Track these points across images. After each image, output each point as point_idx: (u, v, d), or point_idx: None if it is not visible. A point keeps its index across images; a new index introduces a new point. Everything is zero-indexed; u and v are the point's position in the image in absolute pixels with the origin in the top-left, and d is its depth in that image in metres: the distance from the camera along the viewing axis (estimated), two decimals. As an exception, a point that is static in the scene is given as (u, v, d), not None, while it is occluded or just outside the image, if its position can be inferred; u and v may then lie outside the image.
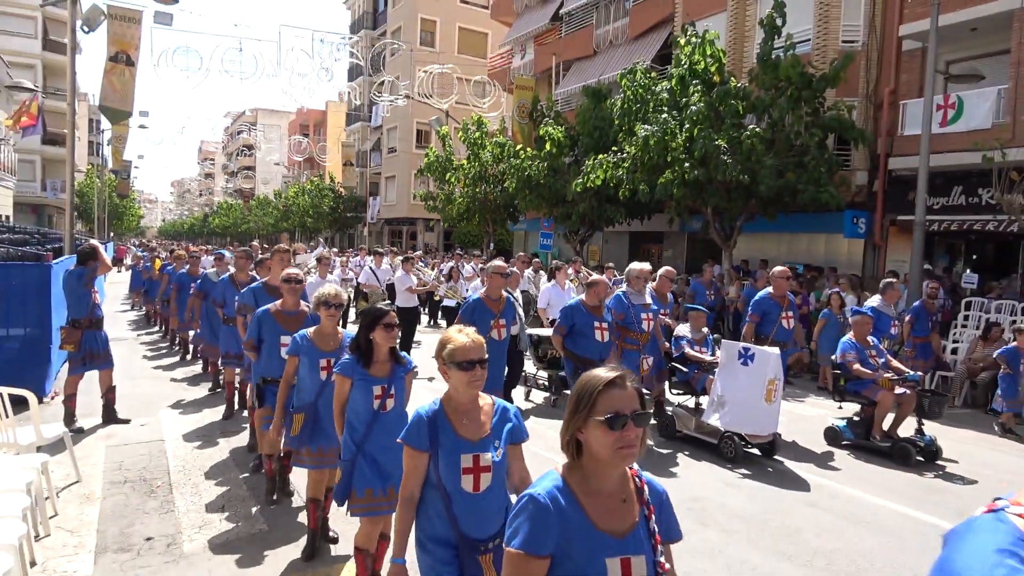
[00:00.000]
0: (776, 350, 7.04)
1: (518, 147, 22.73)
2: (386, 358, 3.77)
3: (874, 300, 9.17)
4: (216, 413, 8.11)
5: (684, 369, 7.90)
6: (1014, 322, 11.85)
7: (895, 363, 7.85)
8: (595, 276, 7.17)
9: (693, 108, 14.69)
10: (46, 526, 4.79)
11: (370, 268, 13.51)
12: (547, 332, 9.18)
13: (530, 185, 20.65)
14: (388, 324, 3.72)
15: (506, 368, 8.18)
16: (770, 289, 8.13)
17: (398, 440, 2.76)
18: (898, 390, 7.44)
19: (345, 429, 3.74)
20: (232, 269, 8.63)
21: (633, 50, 23.07)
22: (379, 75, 34.92)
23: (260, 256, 7.66)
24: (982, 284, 13.65)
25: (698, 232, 18.29)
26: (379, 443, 3.66)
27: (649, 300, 7.43)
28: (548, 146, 20.08)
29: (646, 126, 15.36)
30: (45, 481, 4.99)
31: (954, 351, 11.59)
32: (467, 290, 12.94)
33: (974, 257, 16.42)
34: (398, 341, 4.01)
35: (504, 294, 6.40)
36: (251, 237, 59.06)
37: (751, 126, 14.46)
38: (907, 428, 7.72)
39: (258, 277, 7.21)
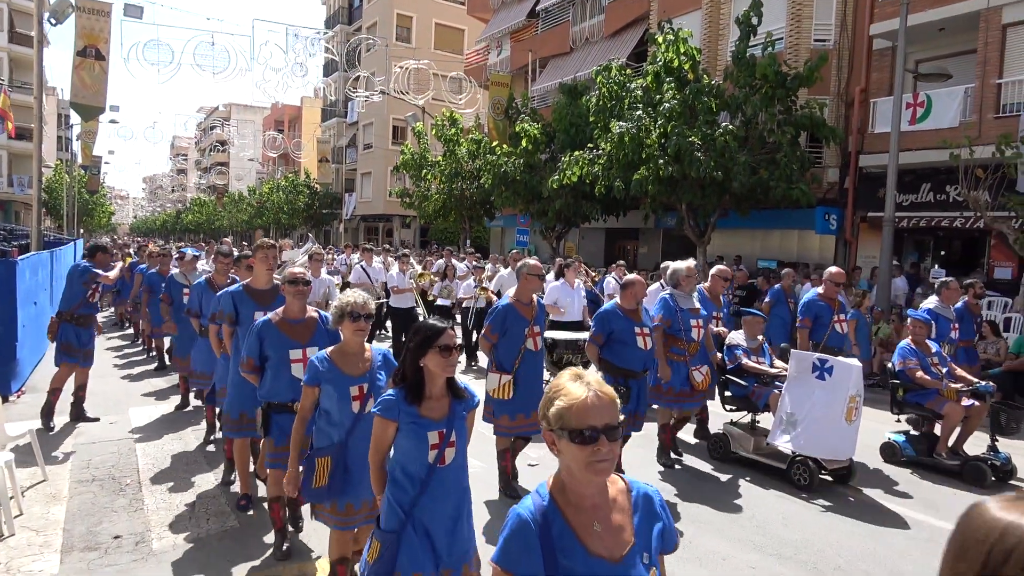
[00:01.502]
0: (858, 362, 6.25)
1: (494, 144, 22.72)
2: (443, 393, 2.91)
3: (931, 301, 8.18)
4: (187, 413, 8.00)
5: (742, 383, 6.85)
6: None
7: (960, 371, 7.07)
8: (631, 275, 6.23)
9: (667, 105, 14.80)
10: (11, 526, 4.71)
11: (361, 266, 12.80)
12: (563, 335, 8.50)
13: (506, 182, 20.68)
14: (445, 347, 2.82)
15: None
16: (819, 290, 7.35)
17: (490, 561, 1.78)
18: (965, 402, 6.66)
19: (388, 489, 2.90)
20: (202, 269, 8.17)
21: (609, 47, 23.16)
22: (355, 71, 34.69)
23: (239, 253, 6.69)
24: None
25: (673, 229, 18.44)
26: (434, 508, 2.85)
27: (698, 304, 6.60)
28: (524, 143, 20.11)
29: (621, 123, 15.45)
30: (10, 480, 4.90)
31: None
32: (461, 289, 12.25)
33: (942, 253, 16.72)
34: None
35: (535, 298, 5.75)
36: (224, 234, 58.40)
37: (724, 123, 14.60)
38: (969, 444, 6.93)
39: (237, 279, 6.35)
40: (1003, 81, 13.77)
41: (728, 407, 7.07)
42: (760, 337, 7.17)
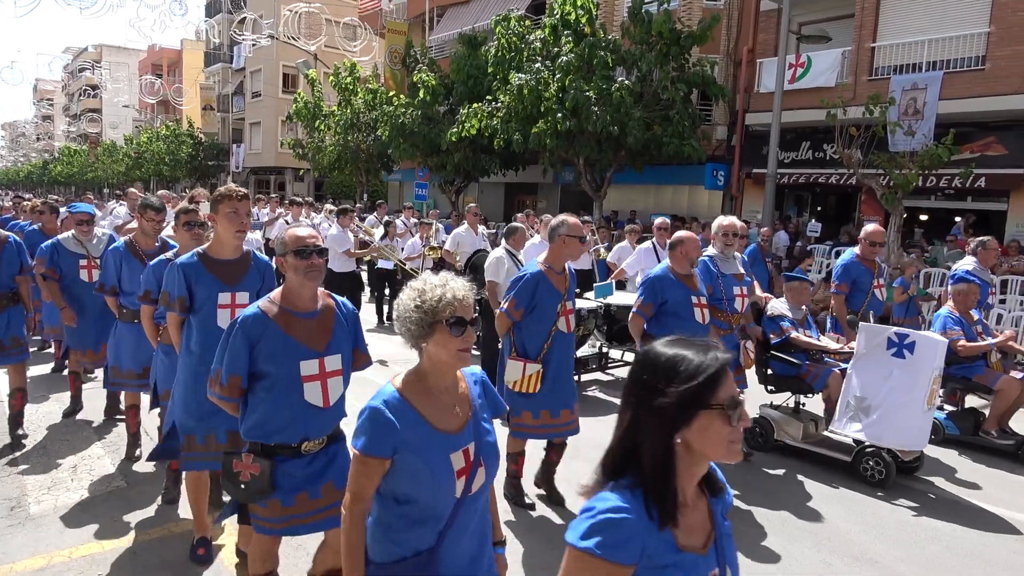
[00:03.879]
0: (943, 338, 5.42)
1: (391, 94, 22.16)
2: (698, 493, 1.51)
3: (967, 263, 7.15)
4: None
5: (793, 360, 5.79)
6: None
7: (1003, 337, 6.35)
8: (681, 231, 5.09)
9: (564, 59, 14.87)
10: None
11: (285, 222, 11.35)
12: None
13: (404, 134, 20.25)
14: (732, 404, 1.39)
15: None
16: (856, 251, 6.32)
17: None
18: (1016, 374, 6.03)
19: None
20: (100, 233, 6.08)
21: (507, -2, 22.88)
22: (240, 12, 32.71)
23: (186, 205, 4.57)
24: (825, 232, 14.90)
25: (571, 183, 18.73)
26: None
27: (742, 269, 5.64)
28: (422, 94, 19.71)
29: (520, 75, 15.40)
30: None
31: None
32: (405, 249, 10.96)
33: (818, 208, 17.81)
34: None
35: (568, 266, 4.62)
36: (100, 186, 54.52)
37: (621, 79, 14.83)
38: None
39: (171, 242, 4.71)
40: (876, 45, 14.63)
41: (770, 388, 6.07)
42: (804, 307, 6.14)
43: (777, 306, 6.00)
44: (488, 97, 17.45)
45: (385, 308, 11.55)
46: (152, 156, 45.94)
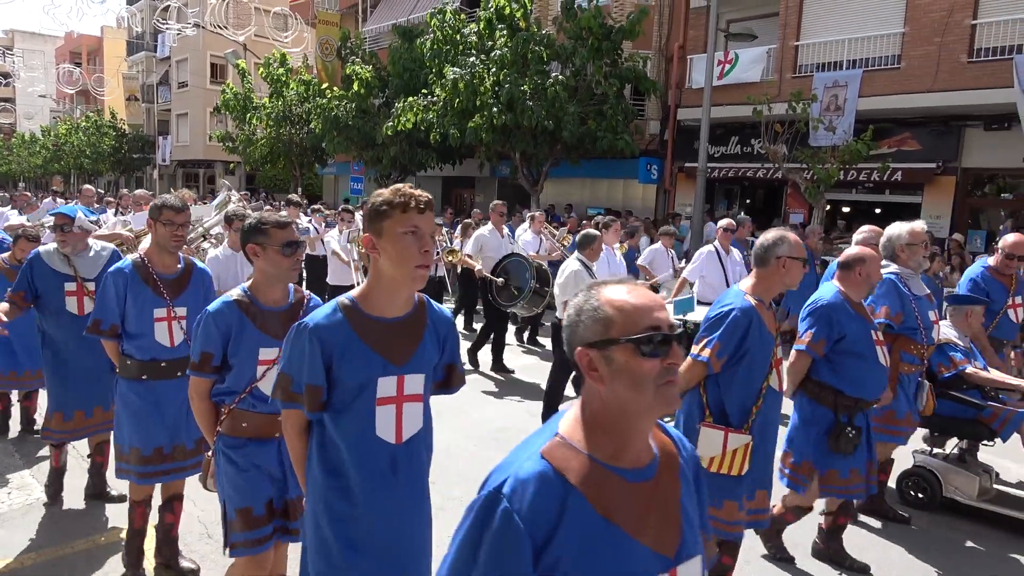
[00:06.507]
0: None
1: (324, 86, 21.78)
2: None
3: None
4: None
5: (971, 400, 4.64)
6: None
7: None
8: (855, 248, 3.92)
9: (498, 53, 14.90)
10: None
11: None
12: None
13: (338, 127, 19.92)
14: None
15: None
16: (989, 261, 5.31)
17: None
18: None
19: None
20: (100, 244, 4.27)
21: (442, -10, 22.71)
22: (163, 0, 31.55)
23: (244, 204, 2.82)
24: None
25: (508, 177, 18.78)
26: None
27: (928, 288, 4.65)
28: (356, 86, 19.41)
29: (455, 69, 15.35)
30: None
31: (729, 285, 12.99)
32: None
33: (748, 201, 18.34)
34: None
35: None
36: (15, 180, 51.82)
37: (555, 74, 14.95)
38: None
39: (200, 264, 3.57)
40: (800, 43, 15.14)
41: (935, 433, 4.99)
42: (976, 330, 4.97)
43: (945, 332, 4.83)
44: (424, 91, 17.33)
45: None
46: (71, 148, 43.91)
